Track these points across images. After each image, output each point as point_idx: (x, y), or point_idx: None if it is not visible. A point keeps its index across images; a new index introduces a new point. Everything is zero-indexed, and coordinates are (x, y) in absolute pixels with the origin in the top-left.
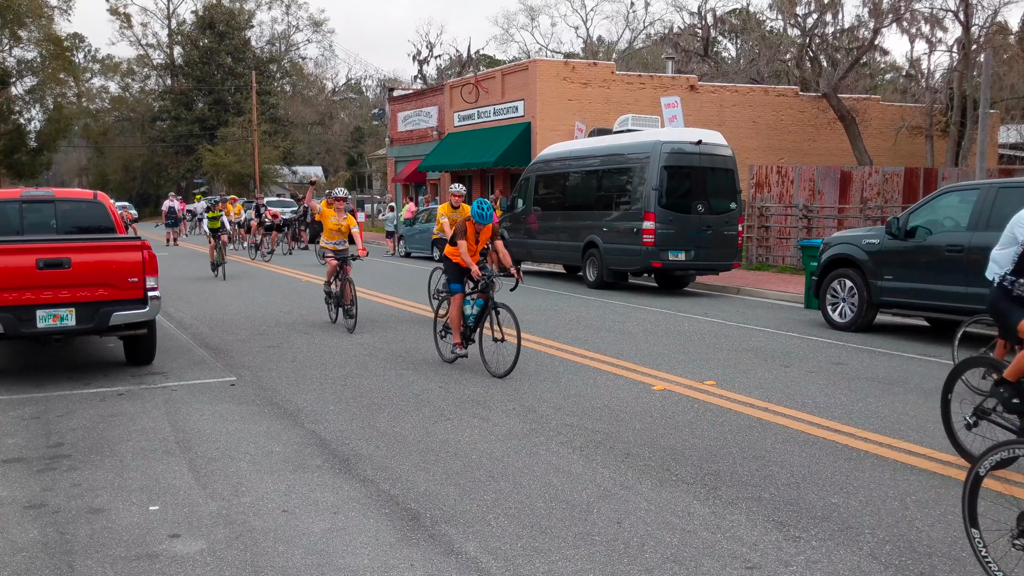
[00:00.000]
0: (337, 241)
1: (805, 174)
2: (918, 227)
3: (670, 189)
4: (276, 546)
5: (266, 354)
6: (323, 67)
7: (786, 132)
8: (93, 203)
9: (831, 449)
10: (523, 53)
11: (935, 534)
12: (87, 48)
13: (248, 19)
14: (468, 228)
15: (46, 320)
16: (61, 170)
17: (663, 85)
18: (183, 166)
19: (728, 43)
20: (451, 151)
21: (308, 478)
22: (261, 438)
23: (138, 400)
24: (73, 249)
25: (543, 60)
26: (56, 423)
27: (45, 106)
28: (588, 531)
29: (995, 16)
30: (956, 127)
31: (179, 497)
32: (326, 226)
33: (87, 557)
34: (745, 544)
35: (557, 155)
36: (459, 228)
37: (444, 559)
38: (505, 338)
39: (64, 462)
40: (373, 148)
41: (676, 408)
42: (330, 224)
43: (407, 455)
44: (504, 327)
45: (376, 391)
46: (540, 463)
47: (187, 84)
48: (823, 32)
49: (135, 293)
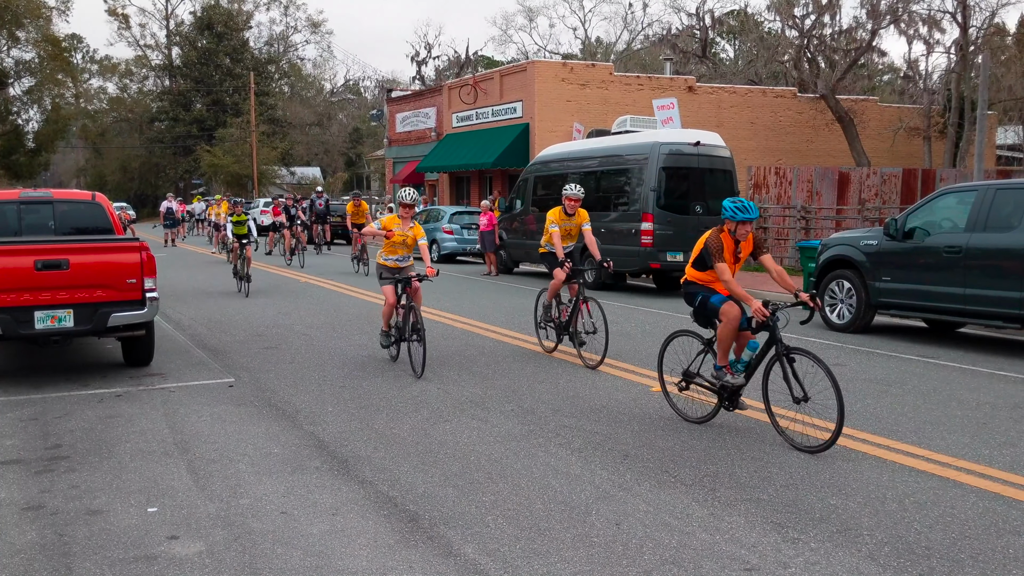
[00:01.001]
0: (400, 257)
1: (803, 175)
2: (916, 228)
3: (668, 190)
4: (275, 548)
5: (264, 355)
6: (321, 68)
7: (784, 133)
8: (91, 204)
9: (830, 450)
10: (521, 54)
11: (934, 535)
12: (85, 49)
13: (246, 20)
14: (725, 242)
15: (44, 321)
16: (59, 171)
17: (661, 86)
18: (181, 167)
19: (726, 44)
20: (449, 152)
21: (307, 479)
22: (260, 439)
23: (136, 401)
24: (71, 250)
25: (541, 61)
26: (54, 424)
27: (43, 107)
28: (587, 533)
29: (993, 17)
30: (954, 128)
31: (177, 499)
32: (389, 239)
33: (85, 559)
34: (744, 546)
35: (555, 156)
36: (713, 245)
37: (443, 561)
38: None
39: (62, 464)
40: (371, 149)
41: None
42: (395, 236)
43: (406, 457)
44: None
45: (374, 393)
46: (538, 464)
47: (185, 85)
48: (821, 33)
49: (133, 294)
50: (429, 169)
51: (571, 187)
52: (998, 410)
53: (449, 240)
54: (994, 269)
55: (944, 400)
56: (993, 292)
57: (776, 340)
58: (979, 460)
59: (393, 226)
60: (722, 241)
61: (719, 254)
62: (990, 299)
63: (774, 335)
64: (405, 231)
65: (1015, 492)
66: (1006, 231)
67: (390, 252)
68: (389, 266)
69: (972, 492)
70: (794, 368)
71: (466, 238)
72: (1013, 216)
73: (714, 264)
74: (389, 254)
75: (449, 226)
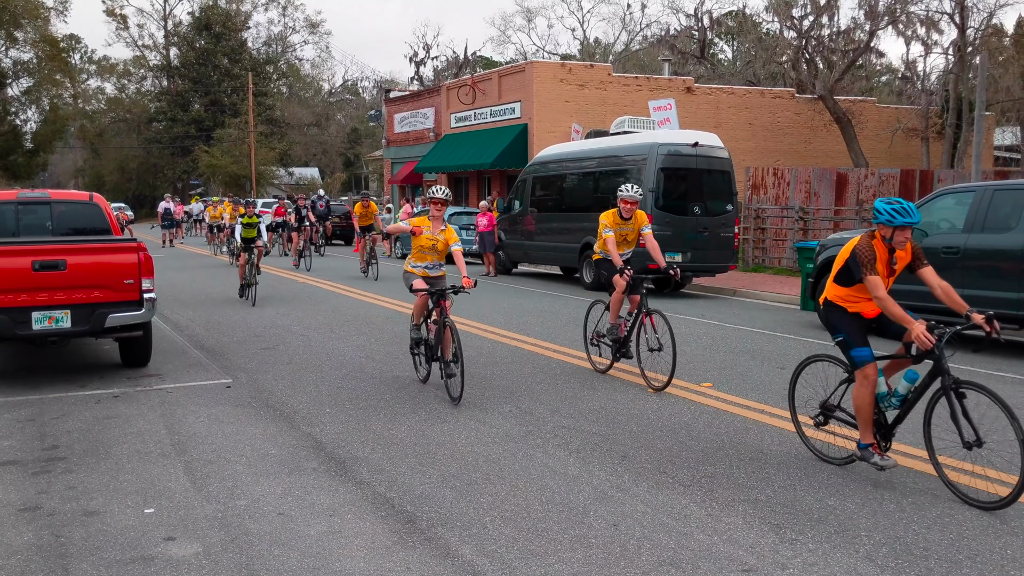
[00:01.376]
0: (430, 264)
1: (801, 176)
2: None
3: (666, 191)
4: (272, 549)
5: (262, 356)
6: (319, 68)
7: (782, 134)
8: (89, 204)
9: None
10: (520, 55)
11: (931, 536)
12: (83, 49)
13: (244, 20)
14: (879, 250)
15: (42, 322)
16: (57, 171)
17: (659, 87)
18: (179, 167)
19: (724, 45)
20: (448, 152)
21: (304, 480)
22: (257, 440)
23: (134, 402)
24: (69, 251)
25: (540, 62)
26: (51, 425)
27: (41, 107)
28: (584, 534)
29: (990, 18)
30: (952, 129)
31: (174, 500)
32: (416, 242)
33: (82, 560)
34: (741, 547)
35: (554, 157)
36: (864, 255)
37: (440, 562)
38: None
39: (59, 465)
40: (369, 149)
41: (672, 410)
42: (422, 239)
43: (403, 458)
44: None
45: (372, 393)
46: (536, 465)
47: (183, 85)
48: (819, 34)
49: (131, 295)
50: (427, 169)
51: (628, 188)
52: (994, 410)
53: None
54: (992, 270)
55: (941, 400)
56: (991, 293)
57: (943, 371)
58: (977, 461)
59: (423, 226)
60: (875, 250)
61: (871, 266)
62: (988, 300)
63: (940, 365)
64: (435, 234)
65: None
66: (1004, 232)
67: (418, 258)
68: (419, 275)
69: None
70: (964, 405)
71: (464, 239)
72: (1011, 217)
73: (864, 277)
74: (418, 260)
75: None
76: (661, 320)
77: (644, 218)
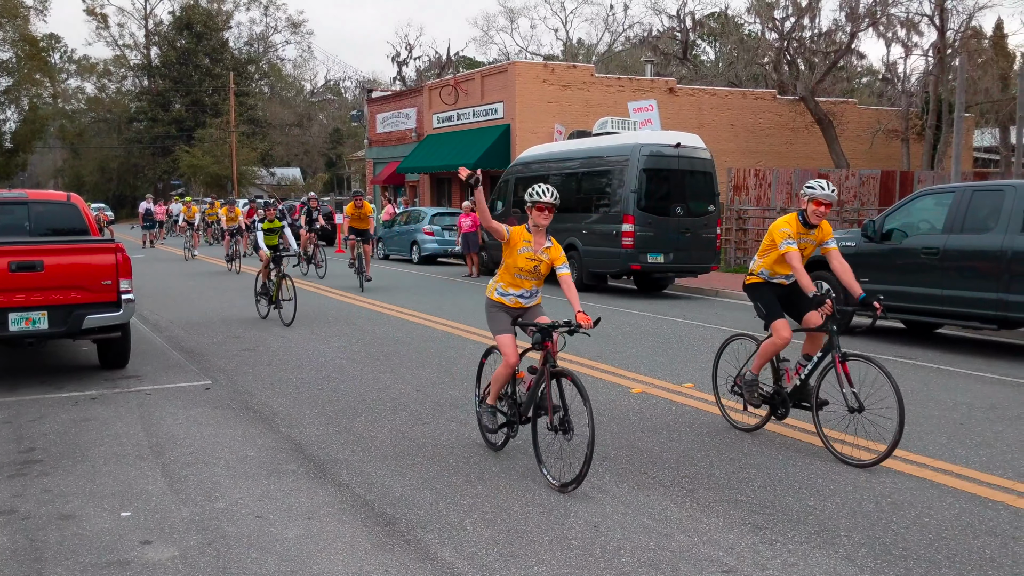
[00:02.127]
0: (526, 292)
1: (783, 177)
2: (894, 230)
3: (649, 192)
4: (249, 552)
5: (242, 357)
6: (301, 68)
7: (764, 135)
8: (66, 205)
9: (808, 451)
10: (503, 55)
11: (911, 536)
12: (63, 49)
13: (226, 20)
14: None
15: (18, 323)
16: (36, 171)
17: (642, 88)
18: (160, 167)
19: (707, 46)
20: (430, 153)
21: (283, 483)
22: (236, 443)
23: (111, 404)
24: (46, 251)
25: (522, 62)
26: (28, 428)
27: (20, 107)
28: (565, 535)
29: (970, 21)
30: (932, 130)
31: (151, 503)
32: (510, 259)
33: (57, 564)
34: (722, 547)
35: (536, 157)
36: None
37: (420, 565)
38: None
39: (35, 468)
40: (352, 150)
41: (654, 411)
42: (520, 258)
43: (383, 459)
44: None
45: (353, 395)
46: (517, 467)
47: (164, 85)
48: (800, 36)
49: (109, 296)
50: (410, 170)
51: (819, 185)
52: (975, 411)
53: (430, 241)
54: (971, 270)
55: (921, 400)
56: (970, 293)
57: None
58: (955, 461)
59: (521, 241)
60: None
61: None
62: (967, 300)
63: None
64: (538, 252)
65: (991, 492)
66: (983, 233)
67: (510, 283)
68: (508, 305)
69: (949, 493)
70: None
71: (447, 239)
72: (990, 218)
73: None
74: (509, 286)
75: (430, 227)
76: (864, 368)
77: (829, 229)
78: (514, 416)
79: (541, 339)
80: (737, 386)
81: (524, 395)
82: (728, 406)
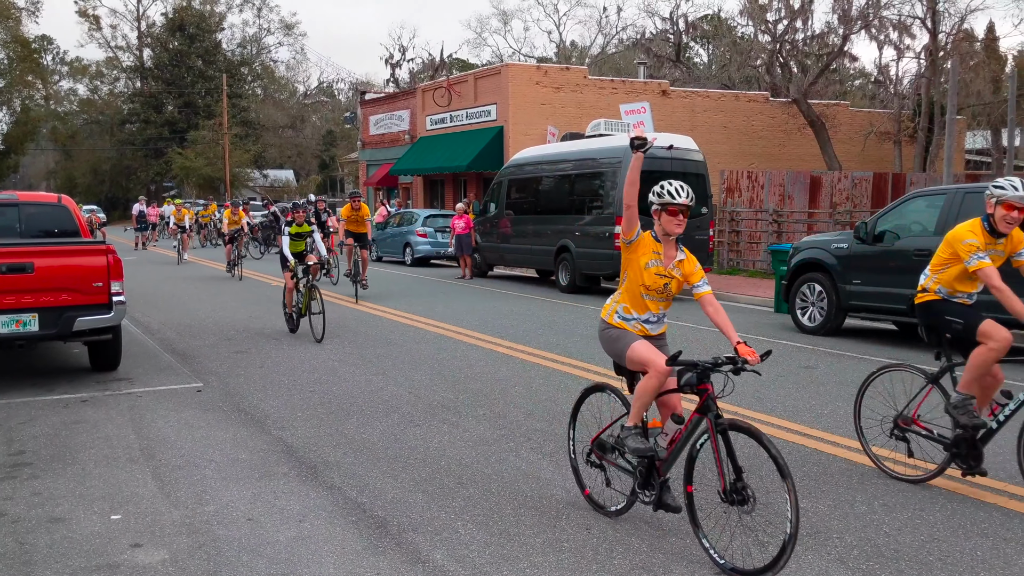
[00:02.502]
0: (652, 316)
1: (775, 179)
2: (886, 232)
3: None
4: (240, 555)
5: (234, 360)
6: (294, 70)
7: (756, 137)
8: (57, 207)
9: (800, 453)
10: (496, 57)
11: (903, 538)
12: (55, 50)
13: (219, 21)
14: None
15: (8, 325)
16: (28, 173)
17: (635, 90)
18: (152, 169)
19: (700, 49)
20: (423, 155)
21: (274, 486)
22: (227, 445)
23: (102, 407)
24: (36, 253)
25: (516, 64)
26: (18, 430)
27: (12, 109)
28: (557, 538)
29: (962, 23)
30: (924, 133)
31: (142, 506)
32: (636, 274)
33: (46, 567)
34: (714, 550)
35: (529, 159)
36: None
37: (411, 568)
38: None
39: (25, 470)
40: (345, 151)
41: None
42: (647, 274)
43: (375, 462)
44: None
45: (345, 397)
46: (509, 469)
47: (157, 87)
48: (793, 38)
49: (100, 298)
50: (403, 172)
51: (1011, 185)
52: None
53: (423, 243)
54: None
55: None
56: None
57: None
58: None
59: (648, 251)
60: None
61: None
62: None
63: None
64: (668, 266)
65: (983, 494)
66: None
67: (636, 305)
68: (631, 331)
69: (940, 494)
70: None
71: (439, 241)
72: None
73: None
74: (632, 308)
75: (423, 229)
76: None
77: (1022, 237)
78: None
79: (697, 381)
80: (899, 428)
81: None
82: (881, 455)
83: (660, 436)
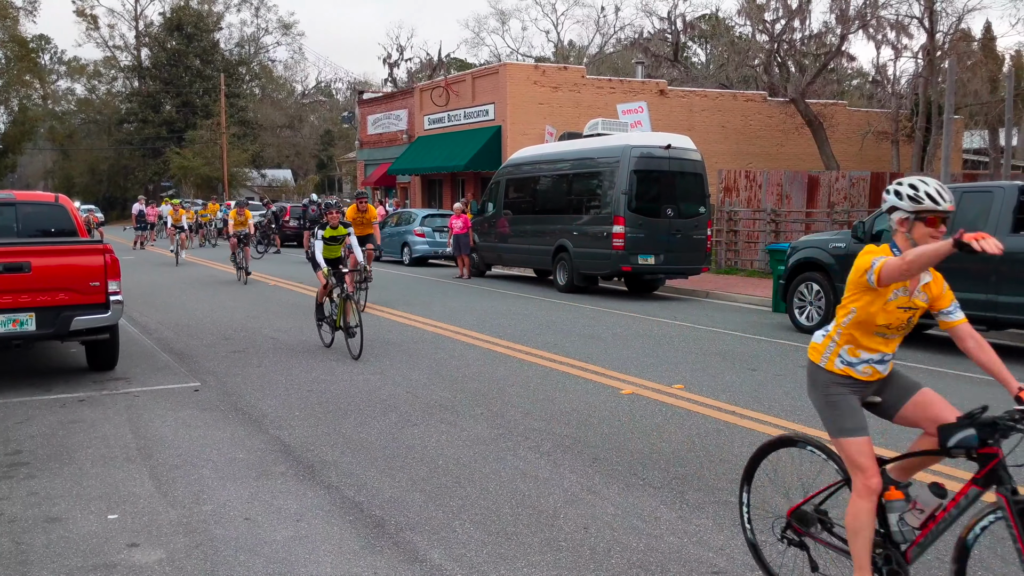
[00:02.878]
0: (886, 356)
1: (773, 179)
2: (884, 231)
3: (639, 193)
4: (237, 555)
5: (231, 359)
6: (292, 70)
7: (754, 137)
8: (54, 206)
9: (795, 452)
10: (494, 57)
11: None
12: (53, 50)
13: (217, 21)
14: None
15: (5, 325)
16: (26, 173)
17: (633, 90)
18: (150, 169)
19: (698, 48)
20: (421, 154)
21: (271, 485)
22: (224, 444)
23: (99, 406)
24: (33, 252)
25: (513, 64)
26: (15, 430)
27: (10, 108)
28: (554, 537)
29: (959, 23)
30: (921, 132)
31: (139, 505)
32: (868, 306)
33: (42, 567)
34: (711, 548)
35: (527, 159)
36: None
37: (408, 567)
38: None
39: (22, 470)
40: (343, 151)
41: (644, 412)
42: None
43: (373, 461)
44: None
45: (342, 396)
46: (507, 468)
47: (154, 86)
48: (791, 38)
49: (97, 297)
50: (401, 171)
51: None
52: None
53: (421, 243)
54: (960, 272)
55: None
56: (960, 294)
57: None
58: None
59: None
60: None
61: None
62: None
63: None
64: (913, 295)
65: None
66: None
67: (866, 343)
68: (860, 379)
69: None
70: None
71: (437, 241)
72: (978, 219)
73: None
74: (863, 347)
75: (421, 229)
76: None
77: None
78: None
79: (978, 443)
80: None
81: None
82: None
83: (909, 513)
